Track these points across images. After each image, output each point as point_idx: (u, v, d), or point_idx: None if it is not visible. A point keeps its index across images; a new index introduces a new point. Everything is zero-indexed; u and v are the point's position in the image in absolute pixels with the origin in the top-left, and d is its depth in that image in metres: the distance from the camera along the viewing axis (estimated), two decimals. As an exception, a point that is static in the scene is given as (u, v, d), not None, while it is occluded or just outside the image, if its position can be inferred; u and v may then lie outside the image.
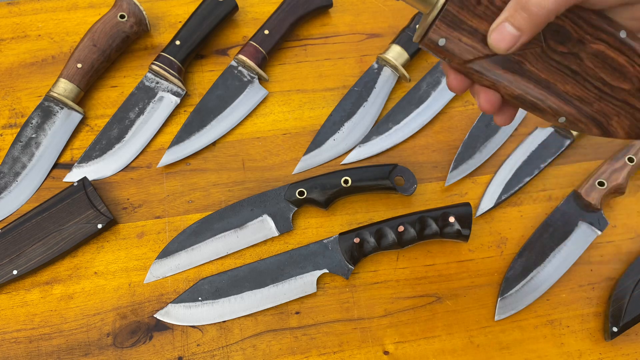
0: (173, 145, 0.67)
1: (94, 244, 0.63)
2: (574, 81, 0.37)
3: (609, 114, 0.38)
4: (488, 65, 0.37)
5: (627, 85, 0.37)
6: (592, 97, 0.38)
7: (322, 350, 0.59)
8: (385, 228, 0.61)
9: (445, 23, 0.36)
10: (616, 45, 0.37)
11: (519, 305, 0.61)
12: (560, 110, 0.38)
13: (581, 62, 0.37)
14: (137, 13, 0.70)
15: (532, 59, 0.37)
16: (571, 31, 0.37)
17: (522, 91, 0.38)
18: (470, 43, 0.37)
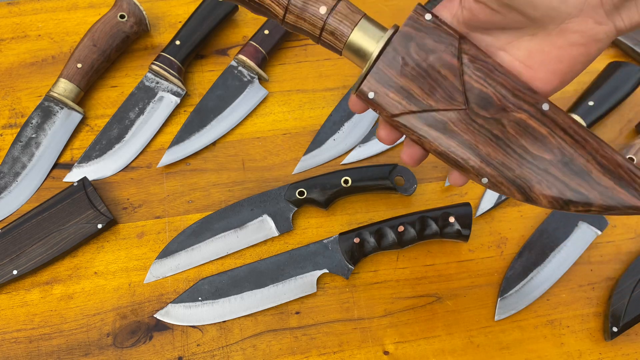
0: (173, 145, 0.67)
1: (94, 244, 0.63)
2: (496, 145, 0.39)
3: (531, 181, 0.39)
4: (414, 121, 0.39)
5: (549, 156, 0.38)
6: (514, 162, 0.39)
7: (322, 350, 0.59)
8: (385, 228, 0.61)
9: (375, 78, 0.39)
10: (538, 116, 0.38)
11: (519, 305, 0.61)
12: (482, 171, 0.39)
13: (503, 128, 0.39)
14: (137, 13, 0.70)
15: (456, 120, 0.39)
16: (494, 99, 0.38)
17: (445, 149, 0.39)
18: (396, 99, 0.39)
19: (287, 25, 0.41)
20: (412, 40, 0.38)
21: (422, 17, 0.38)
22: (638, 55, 0.75)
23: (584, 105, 0.69)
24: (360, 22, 0.39)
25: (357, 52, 0.40)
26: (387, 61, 0.39)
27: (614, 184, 0.38)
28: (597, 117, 0.69)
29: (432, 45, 0.38)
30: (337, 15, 0.39)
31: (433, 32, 0.38)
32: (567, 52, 0.38)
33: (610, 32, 0.37)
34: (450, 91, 0.39)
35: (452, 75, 0.38)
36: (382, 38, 0.39)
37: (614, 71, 0.70)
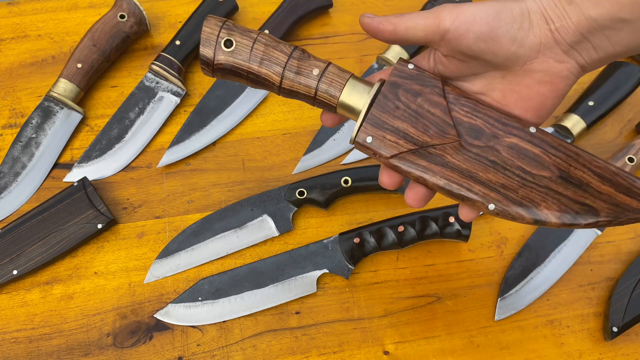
0: (173, 145, 0.67)
1: (94, 244, 0.63)
2: (495, 170, 0.40)
3: (536, 200, 0.40)
4: (413, 158, 0.41)
5: (547, 173, 0.40)
6: (515, 184, 0.40)
7: (322, 350, 0.59)
8: (385, 228, 0.61)
9: (371, 124, 0.41)
10: (528, 138, 0.40)
11: (519, 305, 0.61)
12: (487, 198, 0.40)
13: (498, 154, 0.40)
14: (137, 13, 0.70)
15: (452, 152, 0.41)
16: (484, 128, 0.40)
17: (447, 181, 0.41)
18: (393, 140, 0.41)
19: (283, 91, 0.44)
20: (399, 87, 0.41)
21: (405, 67, 0.42)
22: (638, 55, 0.75)
23: (584, 105, 0.69)
24: (350, 80, 0.43)
25: (349, 107, 0.43)
26: (380, 107, 0.41)
27: (615, 191, 0.39)
28: (597, 117, 0.69)
29: (419, 89, 0.41)
30: (329, 76, 0.42)
31: (417, 77, 0.41)
32: (536, 90, 0.40)
33: (573, 69, 0.39)
34: (442, 127, 0.41)
35: (441, 112, 0.41)
36: (372, 89, 0.42)
37: (614, 71, 0.70)
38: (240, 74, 0.43)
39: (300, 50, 0.43)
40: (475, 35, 0.38)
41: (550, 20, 0.38)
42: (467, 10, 0.38)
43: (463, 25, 0.38)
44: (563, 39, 0.38)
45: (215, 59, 0.42)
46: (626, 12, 0.36)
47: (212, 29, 0.42)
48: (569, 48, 0.38)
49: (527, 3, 0.39)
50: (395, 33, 0.40)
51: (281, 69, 0.42)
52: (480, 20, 0.38)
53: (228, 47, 0.42)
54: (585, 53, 0.38)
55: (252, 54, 0.42)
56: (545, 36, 0.38)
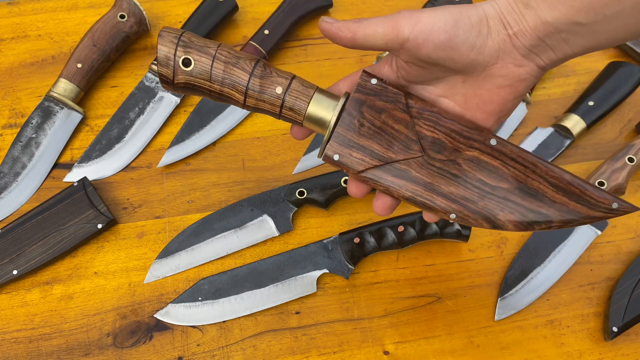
0: (173, 145, 0.67)
1: (94, 244, 0.63)
2: (456, 183, 0.42)
3: (494, 210, 0.42)
4: (379, 173, 0.43)
5: (505, 185, 0.42)
6: (475, 195, 0.42)
7: (322, 350, 0.59)
8: (385, 228, 0.61)
9: (337, 142, 0.42)
10: (488, 151, 0.42)
11: (519, 306, 0.61)
12: (448, 209, 0.42)
13: (460, 167, 0.42)
14: (137, 13, 0.70)
15: (416, 166, 0.42)
16: (446, 142, 0.42)
17: (412, 194, 0.42)
18: (360, 157, 0.42)
19: (248, 108, 0.44)
20: (363, 104, 0.42)
21: (368, 82, 0.42)
22: (638, 55, 0.75)
23: (584, 105, 0.69)
24: (314, 96, 0.43)
25: (316, 122, 0.43)
26: (345, 125, 0.42)
27: (567, 200, 0.41)
28: (597, 117, 0.69)
29: (382, 105, 0.42)
30: (293, 92, 0.42)
31: (381, 93, 0.42)
32: (497, 93, 0.41)
33: (533, 71, 0.40)
34: (406, 142, 0.42)
35: (405, 128, 0.42)
36: (336, 106, 0.42)
37: (614, 71, 0.70)
38: (202, 91, 0.43)
39: (261, 67, 0.42)
40: (434, 44, 0.38)
41: (508, 25, 0.38)
42: (426, 18, 0.38)
43: (421, 34, 0.38)
44: (521, 43, 0.38)
45: (174, 79, 0.41)
46: (581, 16, 0.36)
47: (168, 48, 0.41)
48: (527, 52, 0.39)
49: (484, 8, 0.39)
50: (353, 40, 0.40)
51: (244, 88, 0.42)
52: (438, 29, 0.38)
53: (187, 67, 0.41)
54: (544, 55, 0.39)
55: (213, 72, 0.41)
56: (504, 42, 0.39)
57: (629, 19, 0.36)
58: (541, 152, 0.68)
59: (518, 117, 0.71)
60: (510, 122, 0.70)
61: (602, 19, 0.36)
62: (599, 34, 0.37)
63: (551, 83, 0.75)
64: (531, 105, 0.72)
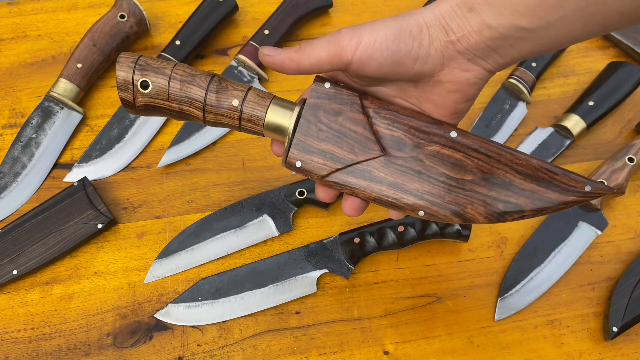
0: (173, 145, 0.67)
1: (94, 244, 0.63)
2: (420, 179, 0.42)
3: (462, 203, 0.41)
4: (342, 176, 0.42)
5: (470, 177, 0.41)
6: (442, 190, 0.42)
7: (322, 350, 0.59)
8: (386, 228, 0.61)
9: (297, 149, 0.42)
10: (449, 144, 0.42)
11: (519, 305, 0.61)
12: (415, 206, 0.42)
13: (422, 163, 0.42)
14: (137, 13, 0.70)
15: (379, 166, 0.42)
16: (406, 139, 0.42)
17: (377, 194, 0.42)
18: (321, 162, 0.42)
19: (209, 123, 0.44)
20: (319, 108, 0.42)
21: (322, 87, 0.42)
22: (638, 55, 0.75)
23: (584, 105, 0.69)
24: (271, 105, 0.43)
25: (275, 131, 0.43)
26: (303, 131, 0.42)
27: (537, 186, 0.41)
28: (597, 117, 0.69)
29: (338, 108, 0.42)
30: (249, 104, 0.43)
31: (335, 96, 0.42)
32: (447, 97, 0.41)
33: (480, 75, 0.40)
34: (365, 143, 0.42)
35: (362, 129, 0.42)
36: (293, 113, 0.42)
37: (614, 71, 0.70)
38: (164, 111, 0.43)
39: (217, 82, 0.43)
40: (378, 62, 0.38)
41: (451, 32, 0.38)
42: (367, 35, 0.38)
43: (364, 54, 0.38)
44: (465, 48, 0.38)
45: (135, 102, 0.42)
46: (526, 21, 0.36)
47: (126, 72, 0.41)
48: (472, 56, 0.38)
49: (424, 16, 0.39)
50: (299, 70, 0.41)
51: (201, 104, 0.42)
52: (380, 46, 0.38)
53: (145, 89, 0.42)
54: (490, 60, 0.39)
55: (170, 92, 0.42)
56: (447, 48, 0.38)
57: (573, 25, 0.36)
58: (541, 152, 0.68)
59: (518, 117, 0.71)
60: (511, 122, 0.70)
61: (546, 24, 0.36)
62: (544, 38, 0.37)
63: (551, 83, 0.75)
64: (531, 105, 0.72)
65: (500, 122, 0.70)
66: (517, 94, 0.71)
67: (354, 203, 0.44)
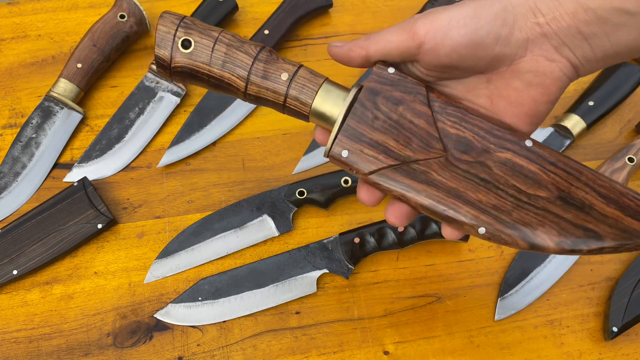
0: (173, 145, 0.67)
1: (94, 244, 0.63)
2: (486, 189, 0.36)
3: (533, 224, 0.36)
4: (394, 175, 0.37)
5: (545, 193, 0.36)
6: (509, 205, 0.36)
7: (322, 350, 0.59)
8: (386, 228, 0.61)
9: (346, 136, 0.37)
10: (523, 153, 0.36)
11: (519, 305, 0.61)
12: (476, 221, 0.36)
13: (490, 170, 0.36)
14: (137, 13, 0.70)
15: (438, 168, 0.37)
16: (473, 141, 0.37)
17: (432, 200, 0.37)
18: (372, 154, 0.37)
19: (249, 97, 0.40)
20: (378, 94, 0.37)
21: (385, 72, 0.38)
22: (638, 55, 0.75)
23: (584, 105, 0.69)
24: (323, 84, 0.39)
25: (323, 116, 0.39)
26: (357, 117, 0.37)
27: (622, 214, 0.35)
28: (597, 117, 0.69)
29: (400, 96, 0.37)
30: (300, 79, 0.39)
31: (399, 83, 0.37)
32: (526, 93, 0.36)
33: (565, 69, 0.35)
34: (426, 139, 0.37)
35: (425, 123, 0.37)
36: (348, 96, 0.38)
37: (614, 71, 0.70)
38: (201, 78, 0.39)
39: (267, 52, 0.39)
40: (454, 41, 0.34)
41: (539, 13, 0.34)
42: (442, 15, 0.35)
43: (439, 32, 0.34)
44: (554, 32, 0.33)
45: (172, 61, 0.38)
46: (632, 3, 0.31)
47: (168, 28, 0.38)
48: (560, 44, 0.34)
49: None
50: (367, 57, 0.37)
51: (246, 73, 0.39)
52: (457, 24, 0.34)
53: (186, 48, 0.38)
54: (579, 51, 0.34)
55: (213, 55, 0.38)
56: (533, 30, 0.34)
57: None
58: (541, 152, 0.68)
59: (518, 117, 0.71)
60: (510, 122, 0.70)
61: None
62: None
63: (551, 83, 0.75)
64: (531, 105, 0.72)
65: (500, 122, 0.70)
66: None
67: (401, 210, 0.38)
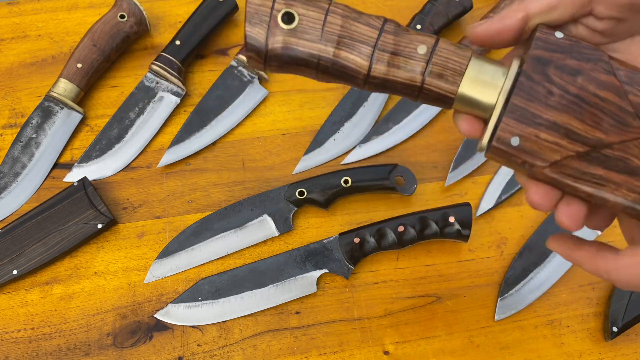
0: (173, 145, 0.67)
1: (94, 244, 0.63)
2: None
3: None
4: (580, 165, 0.29)
5: None
6: None
7: (322, 350, 0.59)
8: (386, 228, 0.61)
9: (514, 118, 0.30)
10: None
11: (519, 305, 0.61)
12: None
13: None
14: (137, 13, 0.70)
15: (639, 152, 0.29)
16: None
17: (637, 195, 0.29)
18: (551, 140, 0.29)
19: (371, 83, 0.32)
20: (549, 64, 0.30)
21: (551, 36, 0.30)
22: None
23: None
24: (473, 58, 0.31)
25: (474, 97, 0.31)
26: (525, 94, 0.30)
27: None
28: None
29: (576, 65, 0.30)
30: (442, 52, 0.31)
31: (571, 49, 0.30)
32: None
33: None
34: (619, 116, 0.29)
35: (614, 96, 0.29)
36: (511, 69, 0.31)
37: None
38: (308, 62, 0.31)
39: (394, 23, 0.31)
40: None
41: None
42: None
43: None
44: None
45: (269, 43, 0.30)
46: None
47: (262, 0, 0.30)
48: None
49: None
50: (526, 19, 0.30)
51: (370, 49, 0.31)
52: None
53: (288, 23, 0.30)
54: None
55: (326, 30, 0.30)
56: None
57: None
58: (541, 152, 0.68)
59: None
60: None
61: None
62: None
63: (551, 83, 0.75)
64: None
65: (501, 122, 0.70)
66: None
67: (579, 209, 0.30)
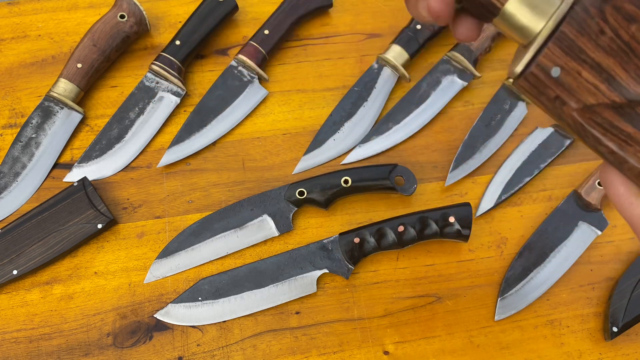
0: (173, 145, 0.67)
1: (94, 244, 0.63)
2: None
3: None
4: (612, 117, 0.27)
5: None
6: None
7: (322, 350, 0.59)
8: (386, 228, 0.61)
9: (561, 47, 0.27)
10: None
11: (519, 305, 0.61)
12: None
13: None
14: (137, 13, 0.70)
15: None
16: None
17: None
18: (592, 81, 0.27)
19: None
20: (608, 1, 0.27)
21: None
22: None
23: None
24: None
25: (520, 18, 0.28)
26: (577, 25, 0.27)
27: None
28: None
29: (633, 12, 0.27)
30: None
31: None
32: None
33: None
34: None
35: None
36: None
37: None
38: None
39: None
40: None
41: None
42: None
43: None
44: None
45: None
46: None
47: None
48: None
49: None
50: None
51: None
52: None
53: None
54: None
55: None
56: None
57: None
58: (541, 152, 0.68)
59: (518, 117, 0.71)
60: (511, 122, 0.70)
61: None
62: None
63: (551, 83, 0.75)
64: (531, 105, 0.72)
65: (500, 122, 0.70)
66: (517, 93, 0.71)
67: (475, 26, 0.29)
